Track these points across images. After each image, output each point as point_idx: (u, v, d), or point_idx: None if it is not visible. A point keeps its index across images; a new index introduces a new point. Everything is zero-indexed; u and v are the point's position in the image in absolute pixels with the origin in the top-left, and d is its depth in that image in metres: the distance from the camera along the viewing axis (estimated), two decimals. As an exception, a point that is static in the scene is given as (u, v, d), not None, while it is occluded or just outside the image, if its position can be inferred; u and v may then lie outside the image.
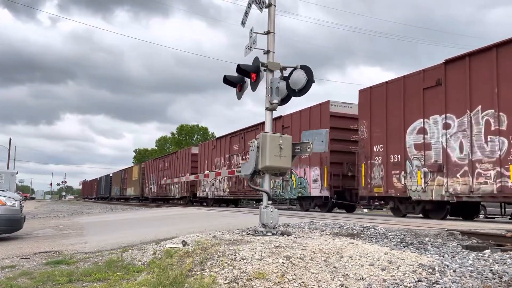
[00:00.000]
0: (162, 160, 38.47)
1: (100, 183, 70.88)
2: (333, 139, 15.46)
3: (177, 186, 32.72)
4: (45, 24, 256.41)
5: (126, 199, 52.39)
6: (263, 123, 19.43)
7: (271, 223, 5.75)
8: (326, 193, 16.13)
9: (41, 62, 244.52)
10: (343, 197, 16.46)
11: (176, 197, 33.54)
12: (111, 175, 62.86)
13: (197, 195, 29.02)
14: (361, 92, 14.63)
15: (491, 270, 4.04)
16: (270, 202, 5.93)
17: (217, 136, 26.02)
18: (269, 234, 5.60)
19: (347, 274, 3.82)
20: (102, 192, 68.15)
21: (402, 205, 13.10)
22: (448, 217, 12.60)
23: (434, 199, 11.56)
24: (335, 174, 16.21)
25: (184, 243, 5.34)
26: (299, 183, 17.90)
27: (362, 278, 3.75)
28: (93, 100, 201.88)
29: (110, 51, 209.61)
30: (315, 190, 16.86)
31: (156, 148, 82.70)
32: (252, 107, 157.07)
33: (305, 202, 17.94)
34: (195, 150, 30.87)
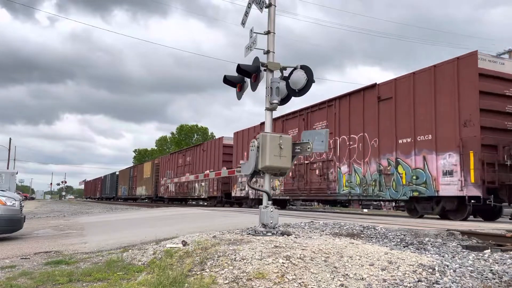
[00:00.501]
0: (183, 154, 32.28)
1: (105, 182, 65.17)
2: (484, 110, 10.74)
3: (203, 184, 27.56)
4: (44, 24, 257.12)
5: (135, 199, 46.93)
6: (334, 99, 16.52)
7: (271, 223, 5.75)
8: (473, 191, 10.53)
9: (39, 62, 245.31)
10: (497, 197, 10.75)
11: (202, 197, 28.14)
12: (117, 173, 57.57)
13: (232, 195, 23.90)
14: None
15: (491, 270, 4.04)
16: (270, 202, 5.93)
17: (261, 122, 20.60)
18: (269, 234, 5.60)
19: (347, 274, 3.82)
20: (107, 191, 62.59)
21: None
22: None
23: None
24: (488, 163, 10.52)
25: (184, 243, 5.34)
26: (413, 178, 12.26)
27: (362, 278, 3.75)
28: (92, 100, 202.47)
29: (109, 51, 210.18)
30: (450, 188, 11.15)
31: (156, 148, 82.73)
32: (251, 107, 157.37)
33: (422, 205, 12.43)
34: (228, 140, 25.38)
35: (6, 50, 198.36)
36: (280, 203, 21.32)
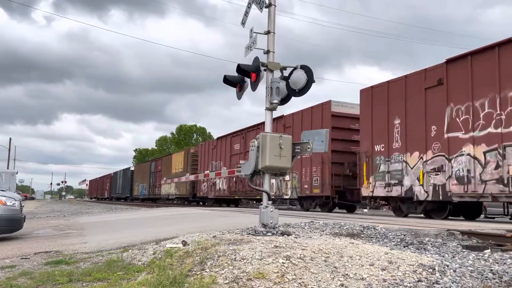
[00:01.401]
0: (242, 136, 22.21)
1: (115, 179, 56.31)
2: None
3: (286, 177, 17.78)
4: (40, 23, 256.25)
5: (155, 199, 38.92)
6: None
7: (271, 223, 5.75)
8: None
9: (37, 62, 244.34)
10: None
11: (286, 197, 18.60)
12: (132, 168, 49.10)
13: (364, 194, 14.06)
14: None
15: (491, 270, 4.03)
16: (270, 202, 5.94)
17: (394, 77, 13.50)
18: (269, 234, 5.60)
19: (347, 274, 3.82)
20: (118, 190, 53.70)
21: None
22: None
23: None
24: None
25: (184, 243, 5.34)
26: None
27: (362, 278, 3.75)
28: (91, 100, 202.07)
29: (107, 50, 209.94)
30: None
31: (156, 148, 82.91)
32: (250, 107, 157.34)
33: None
34: (340, 107, 16.85)
35: (5, 50, 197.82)
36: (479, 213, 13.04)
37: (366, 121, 14.44)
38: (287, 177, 17.95)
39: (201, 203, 29.17)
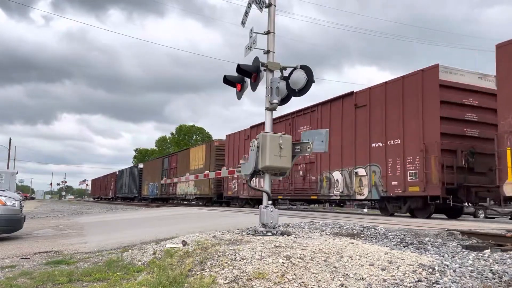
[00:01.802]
0: (288, 121, 18.39)
1: (121, 178, 52.18)
2: None
3: (364, 170, 13.88)
4: (39, 23, 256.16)
5: (168, 200, 35.71)
6: None
7: (271, 223, 5.75)
8: None
9: (36, 61, 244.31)
10: None
11: (362, 197, 14.11)
12: (140, 166, 45.19)
13: None
14: None
15: (491, 270, 4.04)
16: (270, 202, 5.94)
17: None
18: (269, 234, 5.60)
19: (347, 274, 3.82)
20: (124, 190, 49.83)
21: None
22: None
23: None
24: None
25: (184, 243, 5.34)
26: None
27: (362, 278, 3.75)
28: (90, 100, 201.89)
29: (106, 50, 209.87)
30: None
31: (156, 148, 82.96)
32: (249, 107, 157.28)
33: None
34: (448, 74, 12.10)
35: (4, 50, 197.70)
36: None
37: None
38: (362, 172, 13.73)
39: (224, 204, 25.41)
